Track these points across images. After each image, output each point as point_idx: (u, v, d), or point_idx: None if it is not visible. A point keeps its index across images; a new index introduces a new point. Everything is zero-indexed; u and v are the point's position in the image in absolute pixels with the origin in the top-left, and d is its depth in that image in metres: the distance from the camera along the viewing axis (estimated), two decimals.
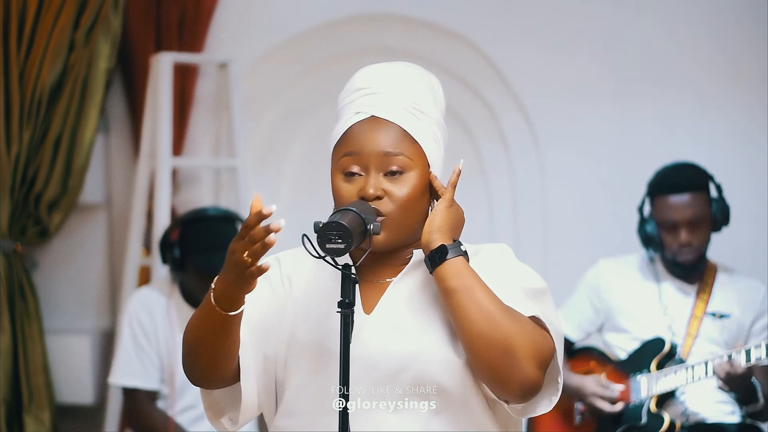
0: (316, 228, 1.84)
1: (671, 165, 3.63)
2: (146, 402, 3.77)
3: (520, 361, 1.83)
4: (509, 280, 1.92)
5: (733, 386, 3.34)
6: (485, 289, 1.86)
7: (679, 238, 3.51)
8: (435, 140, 1.96)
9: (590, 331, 3.70)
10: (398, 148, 1.92)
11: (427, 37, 4.55)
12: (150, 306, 3.79)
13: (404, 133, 1.93)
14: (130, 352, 3.76)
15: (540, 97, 4.52)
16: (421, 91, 1.97)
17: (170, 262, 3.77)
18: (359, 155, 1.93)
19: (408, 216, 1.93)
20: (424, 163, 1.94)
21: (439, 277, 1.88)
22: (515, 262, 1.97)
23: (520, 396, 1.86)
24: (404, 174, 1.92)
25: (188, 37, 4.45)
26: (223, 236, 3.76)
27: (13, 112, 4.10)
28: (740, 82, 4.38)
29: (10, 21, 4.10)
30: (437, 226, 1.90)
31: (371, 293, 1.96)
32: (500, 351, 1.82)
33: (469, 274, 1.87)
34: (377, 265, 1.96)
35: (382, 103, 1.94)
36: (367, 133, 1.94)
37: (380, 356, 1.89)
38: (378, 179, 1.92)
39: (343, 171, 1.95)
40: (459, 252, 1.88)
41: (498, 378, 1.85)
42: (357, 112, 1.96)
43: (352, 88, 1.99)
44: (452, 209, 1.92)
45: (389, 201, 1.91)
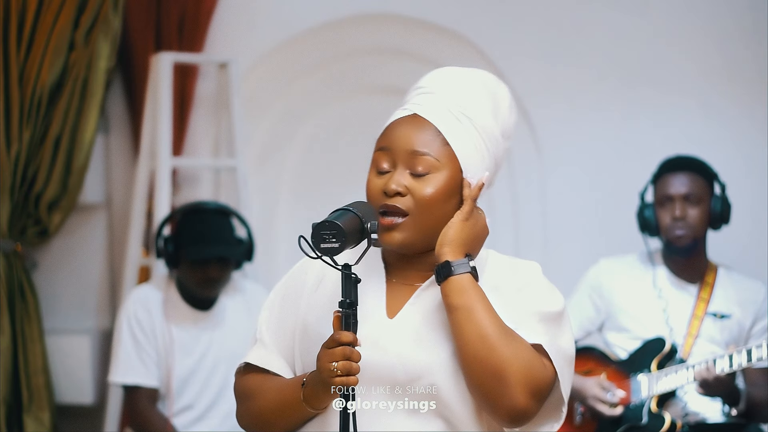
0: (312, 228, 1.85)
1: (677, 154, 3.68)
2: (147, 402, 3.76)
3: (510, 388, 1.82)
4: (525, 302, 1.90)
5: (712, 391, 3.35)
6: (487, 309, 1.84)
7: (672, 212, 3.53)
8: (476, 148, 1.92)
9: (590, 330, 3.70)
10: (427, 148, 1.90)
11: (427, 37, 4.55)
12: (147, 304, 3.79)
13: (438, 133, 1.91)
14: (130, 350, 3.75)
15: (540, 97, 4.52)
16: (476, 97, 1.95)
17: (164, 257, 3.78)
18: (390, 151, 1.92)
19: (430, 217, 1.91)
20: (454, 167, 1.91)
21: (443, 293, 1.87)
22: (538, 284, 1.94)
23: (508, 422, 1.85)
24: (430, 174, 1.90)
25: (188, 37, 4.45)
26: (217, 228, 3.77)
27: (13, 112, 4.10)
28: (740, 83, 4.37)
29: (9, 21, 4.10)
30: (448, 239, 1.89)
31: (397, 297, 1.94)
32: (492, 376, 1.82)
33: (473, 292, 1.85)
34: (407, 266, 1.95)
35: (428, 102, 1.94)
36: (401, 130, 1.93)
37: (398, 362, 1.88)
38: (404, 176, 1.90)
39: (376, 167, 1.94)
40: (466, 269, 1.87)
41: (487, 402, 1.84)
42: (404, 108, 1.96)
43: (415, 86, 2.00)
44: (469, 223, 1.90)
45: (411, 198, 1.90)
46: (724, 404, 3.42)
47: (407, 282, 1.95)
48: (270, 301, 2.04)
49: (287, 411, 1.91)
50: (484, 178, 1.91)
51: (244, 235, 3.91)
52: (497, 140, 1.96)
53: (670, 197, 3.57)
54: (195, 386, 3.80)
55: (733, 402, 3.39)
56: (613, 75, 4.47)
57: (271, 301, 2.04)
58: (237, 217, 3.92)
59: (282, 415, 1.93)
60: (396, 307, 1.93)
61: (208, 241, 3.73)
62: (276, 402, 1.93)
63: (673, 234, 3.55)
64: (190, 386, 3.79)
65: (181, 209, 3.89)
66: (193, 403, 3.80)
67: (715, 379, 3.29)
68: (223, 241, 3.77)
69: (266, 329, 2.01)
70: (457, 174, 1.91)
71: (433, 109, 1.93)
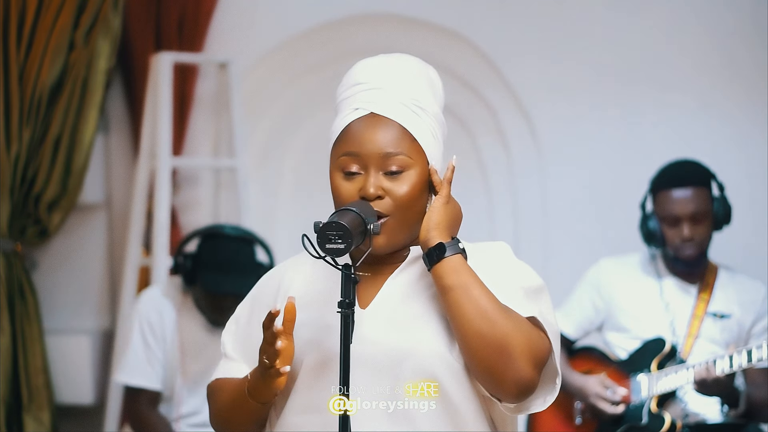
0: (316, 228, 1.84)
1: (674, 161, 3.64)
2: (147, 405, 3.75)
3: (515, 361, 1.82)
4: (507, 278, 1.92)
5: (710, 391, 3.34)
6: (482, 287, 1.86)
7: (681, 233, 3.51)
8: (434, 136, 1.94)
9: (590, 330, 3.70)
10: (398, 148, 1.91)
11: (427, 37, 4.55)
12: (161, 309, 3.74)
13: (404, 130, 1.92)
14: (139, 351, 3.72)
15: (540, 97, 4.52)
16: (420, 86, 1.96)
17: (182, 274, 3.70)
18: (359, 155, 1.92)
19: (408, 215, 1.92)
20: (423, 160, 1.93)
21: (437, 275, 1.88)
22: (513, 261, 1.96)
23: (515, 395, 1.85)
24: (404, 173, 1.91)
25: (188, 37, 4.44)
26: (237, 257, 3.68)
27: (13, 112, 4.10)
28: (740, 83, 4.38)
29: (9, 21, 4.10)
30: (434, 223, 1.89)
31: (368, 289, 1.95)
32: (496, 350, 1.82)
33: (467, 271, 1.87)
34: (375, 262, 1.95)
35: (381, 99, 1.93)
36: (366, 132, 1.92)
37: (376, 349, 1.89)
38: (378, 178, 1.91)
39: (342, 170, 1.94)
40: (457, 249, 1.88)
41: (493, 377, 1.84)
42: (356, 108, 1.95)
43: (351, 82, 1.98)
44: (449, 205, 1.92)
45: (389, 200, 1.91)
46: (723, 405, 3.42)
47: (376, 273, 1.95)
48: (235, 316, 2.08)
49: (238, 406, 1.95)
50: (454, 161, 1.92)
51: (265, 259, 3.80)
52: (443, 123, 1.99)
53: (677, 218, 3.51)
54: (203, 392, 3.79)
55: (732, 403, 3.39)
56: (613, 75, 4.47)
57: (237, 316, 2.08)
58: (260, 244, 3.78)
59: (235, 412, 1.96)
60: (368, 299, 1.94)
61: (226, 271, 3.64)
62: (229, 399, 1.98)
63: (683, 253, 3.53)
64: (197, 392, 3.78)
65: (203, 231, 3.78)
66: (199, 408, 3.78)
67: (715, 379, 3.29)
68: (240, 272, 3.64)
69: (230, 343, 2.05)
70: (425, 167, 1.93)
71: (390, 105, 1.93)
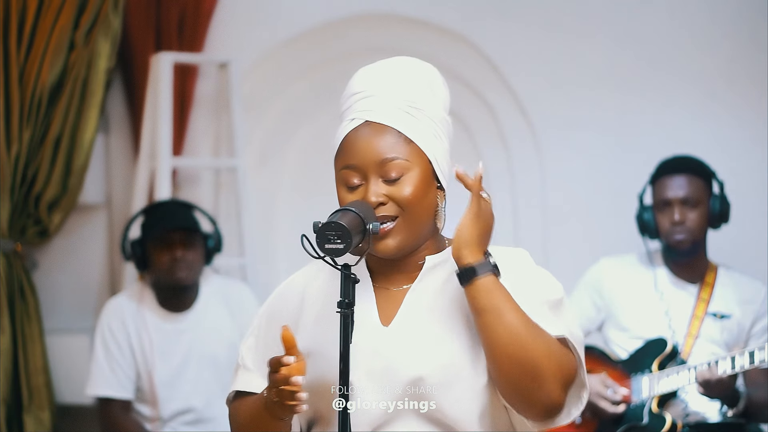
0: (315, 228, 1.83)
1: (675, 155, 3.68)
2: (120, 412, 3.79)
3: (547, 385, 1.82)
4: (531, 292, 1.90)
5: (713, 392, 3.34)
6: (514, 308, 1.83)
7: (671, 216, 3.53)
8: (435, 136, 1.93)
9: (590, 329, 3.70)
10: (394, 152, 1.90)
11: (427, 37, 4.55)
12: (121, 314, 3.82)
13: (400, 134, 1.91)
14: (102, 362, 3.80)
15: (540, 97, 4.52)
16: (416, 87, 1.95)
17: (134, 260, 3.83)
18: (357, 167, 1.92)
19: (416, 213, 1.91)
20: (423, 160, 1.92)
21: (470, 296, 1.85)
22: (534, 270, 1.95)
23: (543, 417, 1.86)
24: (404, 176, 1.90)
25: (188, 37, 4.44)
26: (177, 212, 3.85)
27: (13, 112, 4.10)
28: (740, 83, 4.38)
29: (10, 21, 4.10)
30: (464, 241, 1.86)
31: (387, 302, 1.94)
32: (527, 374, 1.82)
33: (499, 293, 1.84)
34: (391, 271, 1.95)
35: (375, 106, 1.93)
36: (361, 142, 1.92)
37: (401, 369, 1.88)
38: (378, 185, 1.90)
39: (345, 184, 1.94)
40: (488, 269, 1.85)
41: (523, 399, 1.84)
42: (352, 119, 1.94)
43: (349, 92, 1.98)
44: (480, 219, 1.87)
45: (393, 204, 1.90)
46: (723, 405, 3.42)
47: (394, 286, 1.95)
48: (255, 327, 2.07)
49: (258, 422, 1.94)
50: (480, 169, 1.88)
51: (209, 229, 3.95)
52: (445, 120, 1.97)
53: (668, 201, 3.56)
54: (184, 389, 3.80)
55: (732, 403, 3.39)
56: (614, 75, 4.47)
57: (257, 326, 2.07)
58: (200, 211, 3.96)
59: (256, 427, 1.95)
60: (388, 313, 1.94)
61: (169, 219, 3.78)
62: (250, 415, 1.97)
63: (672, 239, 3.56)
64: (178, 390, 3.79)
65: (141, 210, 3.94)
66: (187, 406, 3.79)
67: (717, 380, 3.29)
68: (183, 219, 3.82)
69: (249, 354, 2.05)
70: (427, 166, 1.92)
71: (384, 111, 1.92)
